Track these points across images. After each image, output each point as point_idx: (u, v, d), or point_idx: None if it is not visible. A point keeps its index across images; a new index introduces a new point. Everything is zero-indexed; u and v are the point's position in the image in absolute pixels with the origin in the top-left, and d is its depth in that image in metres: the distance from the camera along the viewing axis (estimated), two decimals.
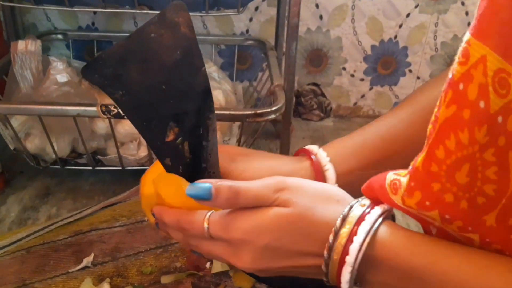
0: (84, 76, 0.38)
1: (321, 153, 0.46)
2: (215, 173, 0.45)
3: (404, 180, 0.33)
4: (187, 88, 0.41)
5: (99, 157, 0.74)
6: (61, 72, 0.65)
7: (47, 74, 0.66)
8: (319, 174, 0.45)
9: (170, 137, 0.42)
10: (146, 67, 0.39)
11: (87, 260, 0.60)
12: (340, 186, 0.41)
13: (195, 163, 0.44)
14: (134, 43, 0.38)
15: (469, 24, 0.99)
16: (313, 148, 0.47)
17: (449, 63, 1.02)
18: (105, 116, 0.62)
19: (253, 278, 0.51)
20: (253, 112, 0.66)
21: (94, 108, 0.62)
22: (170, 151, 0.42)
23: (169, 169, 0.44)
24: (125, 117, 0.63)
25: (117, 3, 0.63)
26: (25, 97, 0.67)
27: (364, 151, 0.46)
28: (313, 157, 0.46)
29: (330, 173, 0.45)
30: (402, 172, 0.34)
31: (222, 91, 0.80)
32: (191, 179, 0.45)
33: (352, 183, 0.43)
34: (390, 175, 0.35)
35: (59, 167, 0.75)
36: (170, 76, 0.40)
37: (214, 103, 0.43)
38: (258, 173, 0.44)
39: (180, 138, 0.42)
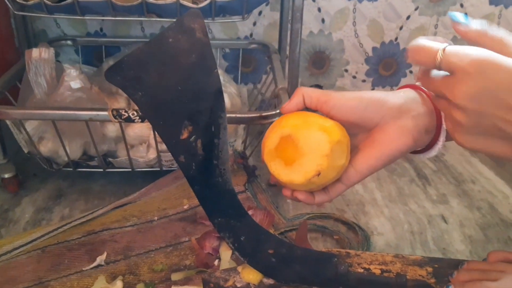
0: (107, 79, 0.41)
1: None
2: (226, 170, 0.47)
3: None
4: (201, 88, 0.43)
5: (110, 159, 0.77)
6: (74, 79, 0.68)
7: (61, 81, 0.68)
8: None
9: (185, 135, 0.45)
10: (164, 69, 0.42)
11: (100, 259, 0.62)
12: None
13: (207, 160, 0.46)
14: (154, 47, 0.41)
15: None
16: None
17: None
18: (116, 120, 0.65)
19: (261, 273, 0.53)
20: (258, 115, 0.68)
21: (105, 113, 0.64)
22: (184, 148, 0.45)
23: (182, 166, 0.46)
24: (135, 120, 0.65)
25: (126, 11, 0.66)
26: (40, 103, 0.70)
27: None
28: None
29: None
30: None
31: (228, 94, 0.83)
32: (202, 175, 0.48)
33: None
34: None
35: (71, 169, 0.77)
36: (186, 77, 0.43)
37: None
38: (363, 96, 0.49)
39: (193, 136, 0.45)
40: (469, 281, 0.50)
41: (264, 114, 0.68)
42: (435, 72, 0.43)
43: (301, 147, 0.46)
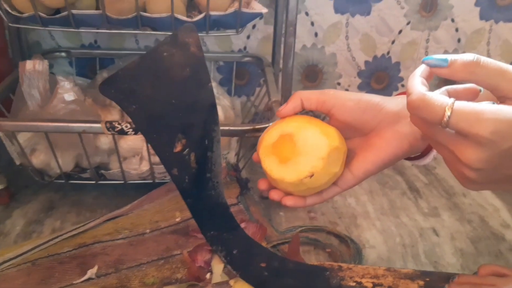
0: (101, 92, 0.41)
1: None
2: (218, 183, 0.48)
3: None
4: (194, 102, 0.44)
5: (102, 171, 0.76)
6: (68, 91, 0.68)
7: (54, 93, 0.68)
8: None
9: (178, 148, 0.45)
10: (158, 83, 0.42)
11: (91, 272, 0.61)
12: None
13: (200, 173, 0.47)
14: (148, 61, 0.41)
15: (459, 40, 1.02)
16: None
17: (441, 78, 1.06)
18: (109, 133, 0.65)
19: (253, 287, 0.53)
20: (251, 127, 0.68)
21: (99, 125, 0.64)
22: (177, 161, 0.45)
23: (175, 179, 0.46)
24: (128, 133, 0.65)
25: (121, 24, 0.66)
26: (33, 115, 0.69)
27: None
28: None
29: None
30: None
31: (221, 107, 0.83)
32: (195, 188, 0.48)
33: None
34: None
35: (63, 181, 0.76)
36: (180, 91, 0.43)
37: None
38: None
39: (187, 149, 0.45)
40: None
41: (257, 126, 0.68)
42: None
43: (299, 146, 0.47)
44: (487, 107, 0.36)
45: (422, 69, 0.41)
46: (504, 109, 0.36)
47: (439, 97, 0.37)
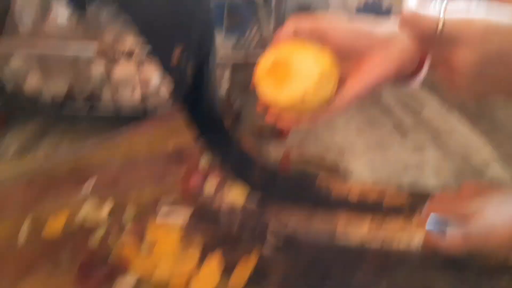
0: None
1: None
2: (215, 92, 0.49)
3: None
4: (192, 12, 0.44)
5: (95, 101, 0.77)
6: (61, 15, 0.67)
7: (48, 16, 0.67)
8: None
9: (175, 58, 0.45)
10: None
11: (87, 188, 0.64)
12: None
13: (195, 90, 0.48)
14: None
15: None
16: None
17: None
18: (102, 59, 0.65)
19: (248, 187, 0.54)
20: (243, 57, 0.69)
21: (91, 50, 0.64)
22: (175, 74, 0.46)
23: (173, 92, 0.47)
24: (120, 59, 0.65)
25: None
26: (26, 37, 0.69)
27: None
28: None
29: None
30: None
31: None
32: (191, 106, 0.48)
33: None
34: None
35: (55, 109, 0.77)
36: (177, 3, 0.43)
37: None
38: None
39: (184, 60, 0.46)
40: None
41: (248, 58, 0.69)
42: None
43: (292, 70, 0.48)
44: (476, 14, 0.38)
45: None
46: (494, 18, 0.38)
47: (430, 10, 0.40)
